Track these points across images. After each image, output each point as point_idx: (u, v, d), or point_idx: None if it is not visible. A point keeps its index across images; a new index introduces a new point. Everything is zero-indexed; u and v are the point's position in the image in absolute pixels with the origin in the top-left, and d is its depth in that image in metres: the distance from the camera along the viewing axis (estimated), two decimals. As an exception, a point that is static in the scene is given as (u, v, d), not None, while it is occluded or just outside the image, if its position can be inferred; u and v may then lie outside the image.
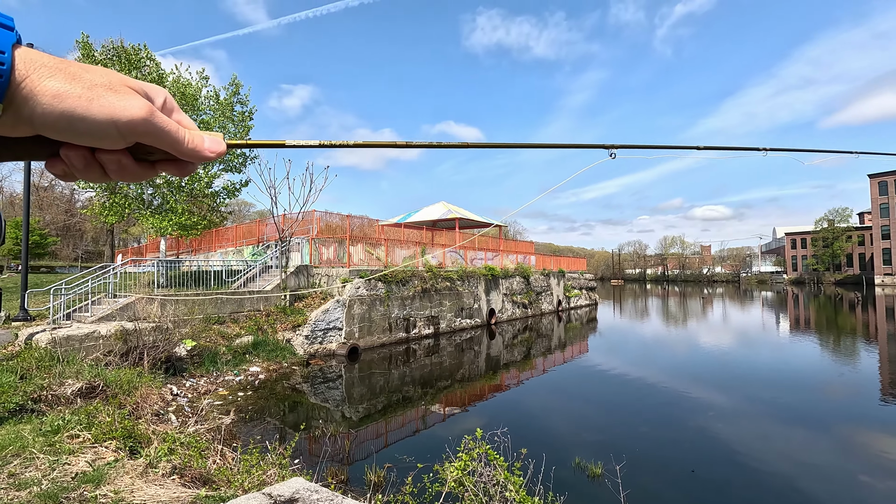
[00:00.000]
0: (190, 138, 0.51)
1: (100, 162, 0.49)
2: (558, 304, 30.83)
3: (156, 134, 0.47)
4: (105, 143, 0.46)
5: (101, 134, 0.44)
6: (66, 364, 8.29)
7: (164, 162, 0.53)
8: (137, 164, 0.52)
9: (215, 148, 0.53)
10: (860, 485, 6.46)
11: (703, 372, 13.90)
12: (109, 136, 0.45)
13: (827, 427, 8.86)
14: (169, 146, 0.50)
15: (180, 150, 0.51)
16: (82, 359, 9.16)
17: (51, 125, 0.43)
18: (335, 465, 6.60)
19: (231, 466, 4.71)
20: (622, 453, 7.27)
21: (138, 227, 41.39)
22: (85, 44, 15.64)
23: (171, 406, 9.19)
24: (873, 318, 28.85)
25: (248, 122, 18.90)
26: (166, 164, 0.54)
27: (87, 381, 7.42)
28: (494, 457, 3.45)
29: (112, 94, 0.45)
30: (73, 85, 0.43)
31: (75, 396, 7.00)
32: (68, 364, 8.32)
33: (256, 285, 16.27)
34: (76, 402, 6.87)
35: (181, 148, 0.50)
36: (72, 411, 5.80)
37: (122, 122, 0.45)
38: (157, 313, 11.84)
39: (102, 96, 0.44)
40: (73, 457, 4.42)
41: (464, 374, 13.46)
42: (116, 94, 0.45)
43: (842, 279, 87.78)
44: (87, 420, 5.13)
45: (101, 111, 0.44)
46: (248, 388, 11.18)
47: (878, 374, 13.66)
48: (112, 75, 0.46)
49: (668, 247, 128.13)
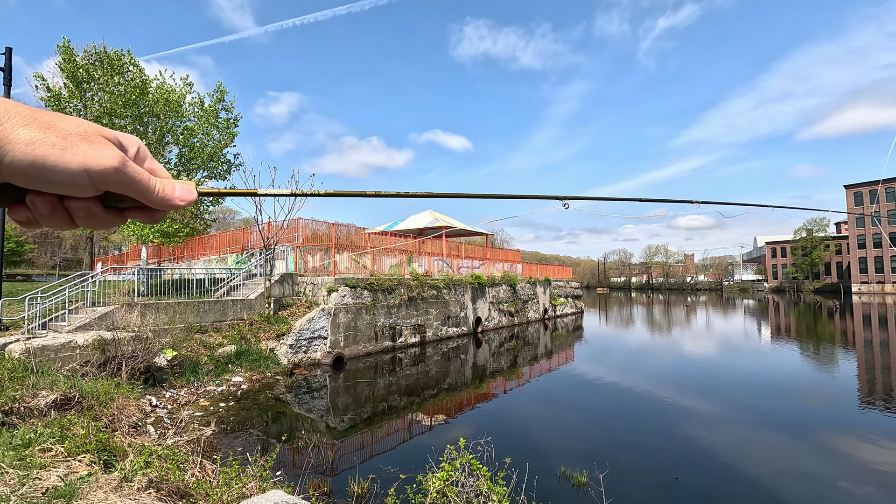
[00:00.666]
0: (161, 187, 0.51)
1: (67, 209, 0.49)
2: (544, 313, 30.95)
3: (127, 183, 0.48)
4: (75, 191, 0.46)
5: (72, 182, 0.44)
6: (40, 375, 8.06)
7: (133, 209, 0.53)
8: (106, 212, 0.51)
9: (185, 196, 0.54)
10: (839, 491, 6.56)
11: (686, 380, 14.04)
12: (80, 185, 0.45)
13: (807, 433, 8.99)
14: (139, 195, 0.50)
15: (150, 199, 0.51)
16: (58, 369, 8.91)
17: (21, 173, 0.43)
18: (318, 477, 6.49)
19: (210, 479, 4.61)
20: (607, 461, 7.28)
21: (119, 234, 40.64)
22: (66, 48, 15.40)
23: (150, 417, 8.97)
24: (850, 326, 29.50)
25: (234, 128, 18.75)
26: (135, 211, 0.54)
27: (63, 392, 7.21)
28: (478, 466, 3.43)
29: (85, 144, 0.45)
30: (47, 134, 0.43)
31: (49, 408, 6.79)
32: (43, 375, 8.08)
33: (240, 293, 16.05)
34: (50, 414, 6.67)
35: (151, 197, 0.51)
36: (45, 424, 5.62)
37: (95, 171, 0.45)
38: (137, 322, 11.59)
39: (76, 145, 0.44)
40: (44, 471, 4.28)
41: (450, 383, 13.40)
42: (90, 144, 0.45)
43: (820, 287, 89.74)
44: (60, 433, 4.97)
45: (73, 160, 0.44)
46: (230, 398, 10.98)
47: (857, 380, 13.94)
48: (87, 125, 0.46)
49: (653, 255, 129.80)
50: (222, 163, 18.62)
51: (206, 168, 18.35)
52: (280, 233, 17.95)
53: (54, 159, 0.43)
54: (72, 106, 15.61)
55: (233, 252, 22.24)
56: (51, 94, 15.31)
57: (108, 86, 15.58)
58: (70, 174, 0.44)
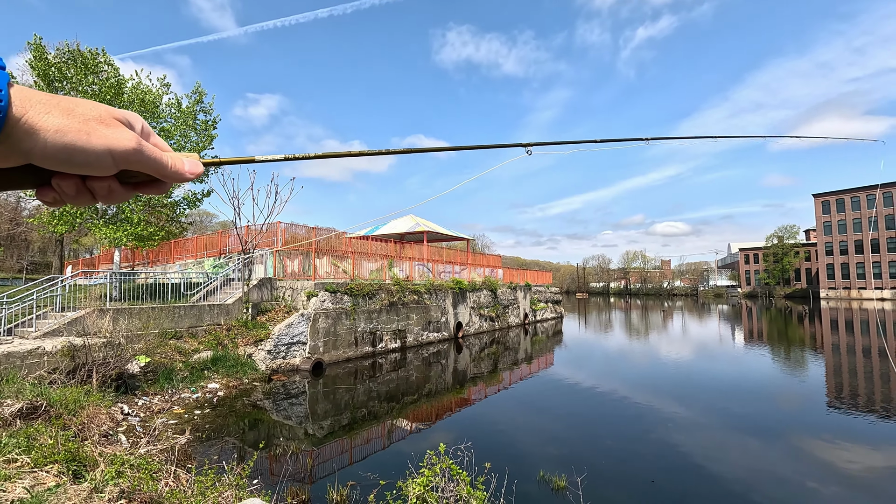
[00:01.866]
0: (173, 162, 0.55)
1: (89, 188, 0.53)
2: (525, 318, 31.17)
3: (144, 161, 0.52)
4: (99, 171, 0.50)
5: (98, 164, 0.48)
6: (4, 383, 7.76)
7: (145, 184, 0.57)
8: (123, 188, 0.56)
9: (194, 169, 0.58)
10: (809, 491, 6.77)
11: (663, 384, 14.29)
12: (104, 165, 0.49)
13: (778, 435, 9.25)
14: (155, 171, 0.54)
15: (165, 174, 0.55)
16: (24, 377, 8.60)
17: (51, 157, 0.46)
18: (296, 485, 6.40)
19: (185, 489, 4.50)
20: (585, 466, 7.37)
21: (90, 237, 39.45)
22: (38, 46, 14.95)
23: (122, 426, 8.72)
24: (819, 330, 30.50)
25: (212, 131, 18.46)
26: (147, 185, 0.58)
27: (29, 400, 6.96)
28: (457, 471, 3.44)
29: (104, 127, 0.49)
30: (71, 120, 0.47)
31: (14, 417, 6.55)
32: (7, 383, 7.79)
33: (217, 298, 15.74)
34: (16, 423, 6.43)
35: (166, 171, 0.55)
36: (10, 434, 5.41)
37: (117, 153, 0.49)
38: (109, 328, 11.26)
39: (97, 129, 0.48)
40: (9, 483, 4.12)
41: (430, 389, 13.37)
42: (109, 128, 0.49)
43: (791, 293, 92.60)
44: (26, 443, 4.78)
45: (98, 143, 0.48)
46: (206, 405, 10.75)
47: (825, 383, 14.41)
48: (100, 108, 0.50)
49: (631, 261, 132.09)
50: (200, 165, 18.27)
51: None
52: (259, 237, 17.70)
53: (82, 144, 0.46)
54: (42, 105, 15.13)
55: (210, 256, 21.81)
56: (20, 92, 14.82)
57: (81, 85, 15.18)
58: (96, 156, 0.48)
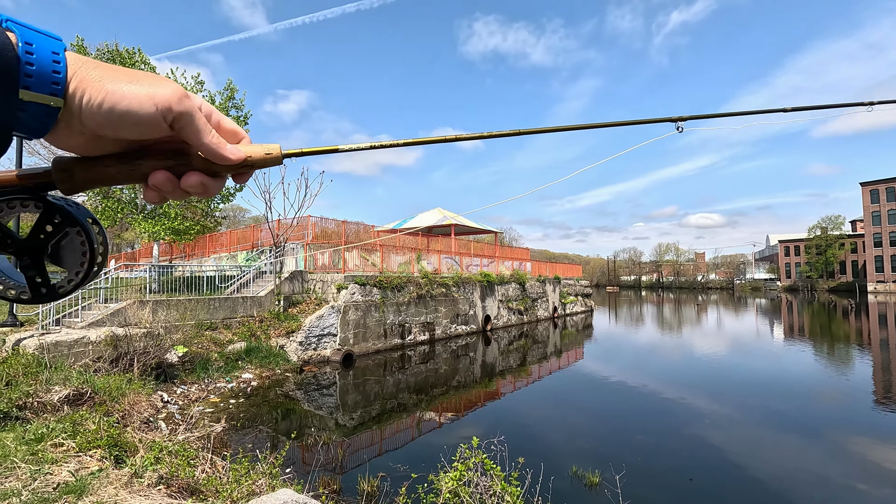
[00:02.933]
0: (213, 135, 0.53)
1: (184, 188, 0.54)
2: (554, 311, 30.77)
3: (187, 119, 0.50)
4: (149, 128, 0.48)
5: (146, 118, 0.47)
6: (53, 370, 8.12)
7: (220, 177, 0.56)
8: (213, 180, 0.55)
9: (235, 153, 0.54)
10: (857, 493, 6.40)
11: (697, 379, 13.84)
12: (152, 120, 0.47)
13: (822, 434, 8.82)
14: (195, 134, 0.51)
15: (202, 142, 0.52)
16: (71, 365, 8.99)
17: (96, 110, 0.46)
18: (328, 475, 6.46)
19: (221, 476, 4.59)
20: (620, 462, 7.18)
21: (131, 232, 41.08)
22: (80, 47, 15.53)
23: (161, 413, 9.02)
24: (866, 325, 28.96)
25: (244, 126, 18.81)
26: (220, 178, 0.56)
27: (75, 387, 7.26)
28: (491, 466, 3.35)
29: (149, 80, 0.48)
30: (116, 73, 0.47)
31: (62, 403, 6.84)
32: (56, 370, 8.15)
33: (250, 291, 16.11)
34: (63, 409, 6.71)
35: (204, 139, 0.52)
36: (57, 419, 5.65)
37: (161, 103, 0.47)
38: (149, 319, 11.67)
39: (142, 79, 0.48)
40: (55, 466, 4.28)
41: (459, 381, 13.34)
42: (153, 80, 0.49)
43: (835, 286, 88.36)
44: (72, 428, 4.97)
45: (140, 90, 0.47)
46: (241, 395, 11.02)
47: (872, 380, 13.66)
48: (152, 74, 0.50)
49: (663, 254, 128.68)
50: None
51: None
52: (290, 230, 17.99)
53: (123, 91, 0.46)
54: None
55: (243, 249, 22.35)
56: (64, 92, 15.43)
57: (120, 84, 15.68)
58: (139, 103, 0.46)
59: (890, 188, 78.32)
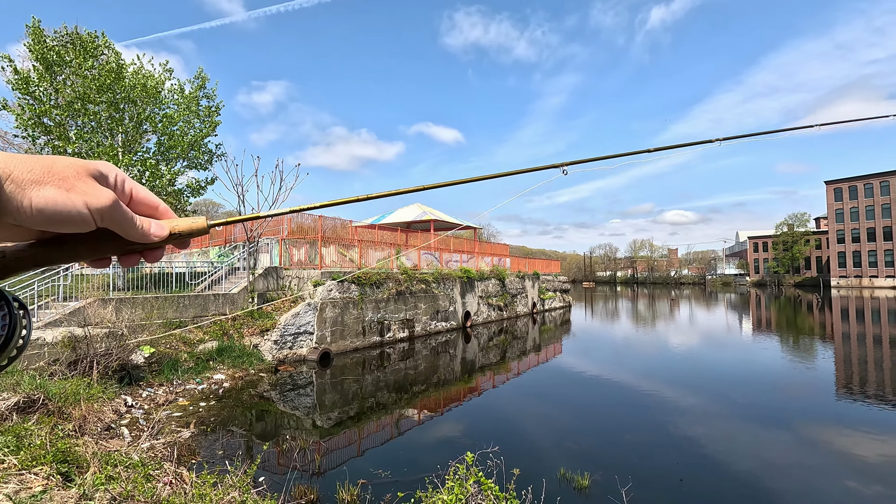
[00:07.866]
0: (141, 223, 0.54)
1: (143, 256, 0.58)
2: (533, 307, 30.82)
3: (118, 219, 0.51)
4: (81, 227, 0.48)
5: (80, 220, 0.47)
6: (3, 375, 7.51)
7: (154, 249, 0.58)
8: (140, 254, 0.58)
9: (158, 232, 0.55)
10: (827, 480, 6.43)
11: (674, 373, 13.97)
12: (85, 221, 0.48)
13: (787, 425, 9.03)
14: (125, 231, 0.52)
15: (132, 234, 0.53)
16: (23, 369, 8.36)
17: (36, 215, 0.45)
18: (304, 483, 6.11)
19: (186, 491, 4.21)
20: (605, 461, 7.06)
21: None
22: (36, 28, 14.57)
23: (125, 419, 8.49)
24: (829, 319, 29.95)
25: (216, 117, 18.07)
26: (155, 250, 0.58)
27: (26, 394, 6.70)
28: (489, 486, 3.07)
29: (83, 184, 0.48)
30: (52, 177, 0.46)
31: (11, 412, 6.29)
32: (6, 375, 7.54)
33: (222, 288, 15.49)
34: (12, 418, 6.17)
35: (133, 232, 0.53)
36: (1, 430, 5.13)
37: (95, 209, 0.48)
38: (112, 318, 11.01)
39: (76, 185, 0.47)
40: (-4, 486, 3.83)
41: (439, 379, 13.09)
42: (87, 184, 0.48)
43: (801, 281, 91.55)
44: (15, 442, 4.48)
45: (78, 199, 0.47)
46: (212, 397, 10.52)
47: (834, 372, 14.17)
48: (75, 164, 0.49)
49: (638, 250, 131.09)
50: (203, 153, 17.93)
51: (187, 158, 17.66)
52: (264, 225, 17.37)
53: (63, 200, 0.46)
54: (41, 90, 14.79)
55: (215, 245, 21.55)
56: (19, 76, 14.48)
57: (80, 69, 14.79)
58: (77, 212, 0.47)
59: (853, 187, 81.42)
